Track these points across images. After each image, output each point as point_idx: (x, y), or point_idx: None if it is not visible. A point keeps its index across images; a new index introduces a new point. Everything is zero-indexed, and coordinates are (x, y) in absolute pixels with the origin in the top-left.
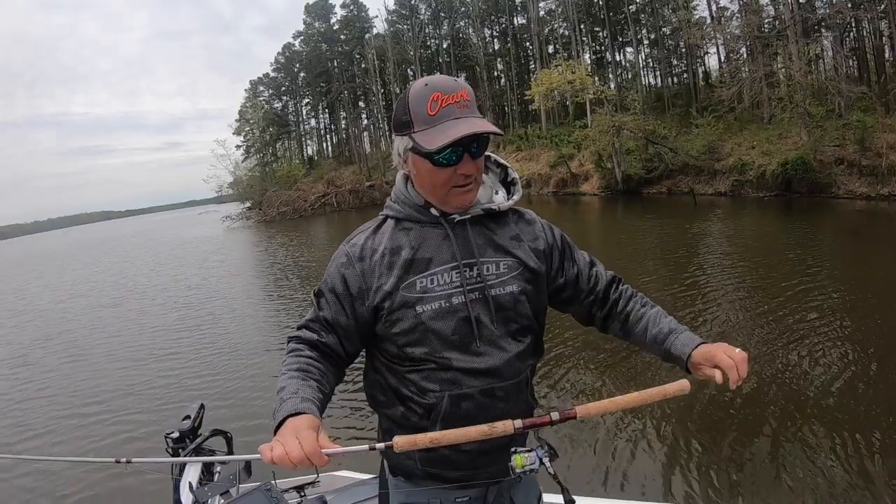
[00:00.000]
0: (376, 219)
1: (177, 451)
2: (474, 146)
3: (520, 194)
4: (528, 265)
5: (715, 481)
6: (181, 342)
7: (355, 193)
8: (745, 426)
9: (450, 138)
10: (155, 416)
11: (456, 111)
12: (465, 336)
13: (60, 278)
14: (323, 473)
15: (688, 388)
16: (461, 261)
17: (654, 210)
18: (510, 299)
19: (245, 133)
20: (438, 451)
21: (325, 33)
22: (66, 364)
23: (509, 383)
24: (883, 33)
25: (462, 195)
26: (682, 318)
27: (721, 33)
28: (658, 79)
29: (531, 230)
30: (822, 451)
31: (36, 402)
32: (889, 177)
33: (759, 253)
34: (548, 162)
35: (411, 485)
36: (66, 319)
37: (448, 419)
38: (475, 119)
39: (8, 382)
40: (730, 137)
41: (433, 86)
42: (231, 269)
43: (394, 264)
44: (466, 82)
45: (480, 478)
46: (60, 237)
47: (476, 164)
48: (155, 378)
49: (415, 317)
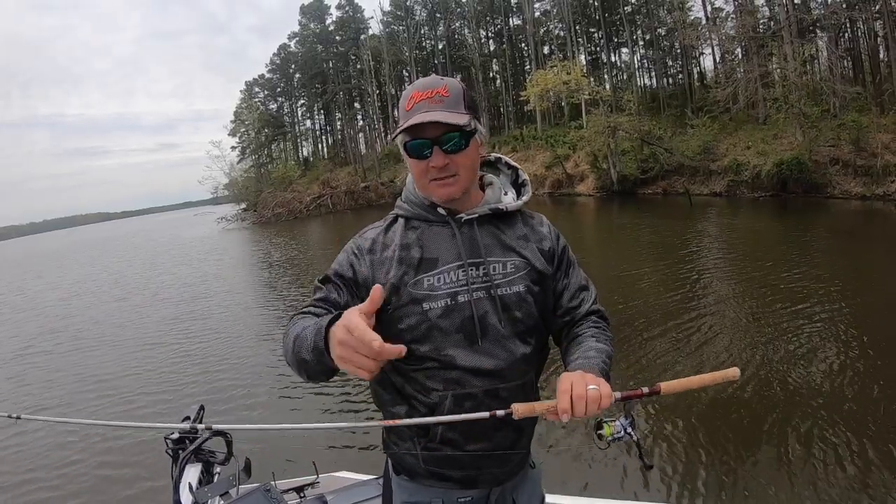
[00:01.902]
0: (387, 217)
1: (176, 452)
2: (447, 142)
3: (529, 196)
4: (534, 265)
5: (715, 481)
6: (180, 342)
7: (351, 195)
8: (744, 425)
9: (400, 128)
10: (153, 417)
11: (426, 106)
12: (470, 334)
13: (61, 277)
14: (323, 474)
15: (737, 374)
16: (467, 259)
17: (649, 210)
18: (517, 299)
19: (240, 134)
20: (443, 451)
21: (320, 34)
22: (64, 365)
23: (514, 384)
24: (877, 34)
25: (440, 188)
26: (678, 318)
27: (716, 34)
28: (653, 79)
29: (539, 232)
30: (821, 450)
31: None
32: (884, 177)
33: (754, 253)
34: (543, 163)
35: (414, 484)
36: (67, 315)
37: None
38: (438, 112)
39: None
40: (725, 138)
41: (415, 85)
42: (228, 269)
43: (403, 261)
44: (459, 81)
45: (483, 479)
46: (61, 237)
47: (452, 159)
48: (154, 378)
49: (421, 314)
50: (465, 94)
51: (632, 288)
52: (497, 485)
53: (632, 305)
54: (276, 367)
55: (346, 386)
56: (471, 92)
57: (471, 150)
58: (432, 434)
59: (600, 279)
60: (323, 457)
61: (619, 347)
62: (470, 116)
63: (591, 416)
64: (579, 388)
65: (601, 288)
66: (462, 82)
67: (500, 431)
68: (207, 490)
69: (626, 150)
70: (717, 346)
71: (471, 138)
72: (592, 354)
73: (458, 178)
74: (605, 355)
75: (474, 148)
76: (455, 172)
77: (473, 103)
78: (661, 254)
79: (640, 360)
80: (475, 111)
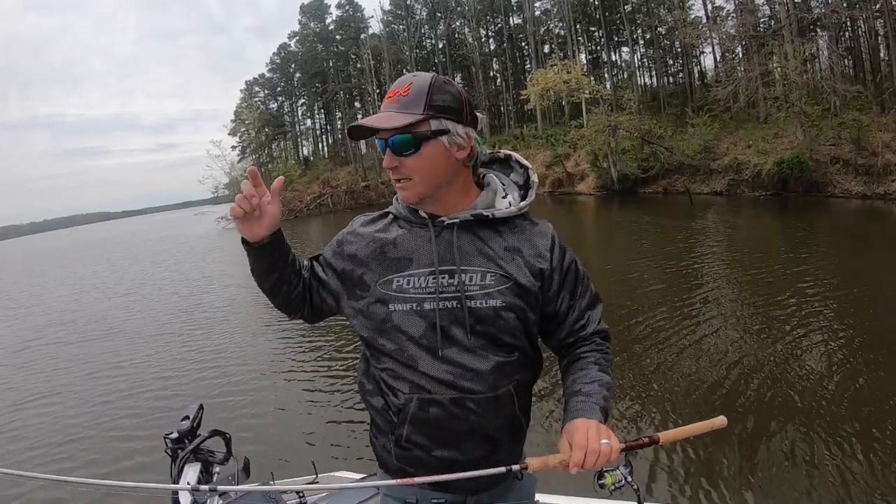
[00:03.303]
0: (380, 211)
1: (175, 451)
2: (394, 144)
3: (530, 199)
4: (517, 280)
5: (715, 480)
6: (179, 343)
7: (351, 194)
8: (744, 424)
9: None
10: (152, 417)
11: (386, 105)
12: (432, 342)
13: (69, 274)
14: (322, 474)
15: (724, 423)
16: (438, 266)
17: (650, 209)
18: (491, 313)
19: (241, 134)
20: (413, 452)
21: (320, 33)
22: (65, 363)
23: (483, 397)
24: (878, 32)
25: (399, 189)
26: (678, 316)
27: (717, 33)
28: (654, 78)
29: (537, 245)
30: (820, 449)
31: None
32: (884, 176)
33: (754, 251)
34: (543, 162)
35: (391, 478)
36: (67, 312)
37: (415, 422)
38: (386, 114)
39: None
40: (725, 137)
41: (393, 84)
42: (228, 269)
43: (377, 257)
44: (431, 78)
45: (455, 485)
46: (61, 238)
47: (402, 162)
48: (153, 379)
49: (386, 313)
50: (432, 92)
51: (631, 287)
52: (472, 493)
53: (631, 305)
54: (276, 367)
55: (347, 387)
56: (450, 89)
57: (425, 153)
58: (398, 434)
59: (599, 279)
60: (323, 457)
61: (618, 349)
62: (426, 117)
63: (598, 468)
64: (594, 444)
65: (600, 287)
66: (455, 81)
67: (467, 442)
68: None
69: (626, 149)
70: (716, 346)
71: (424, 142)
72: (595, 390)
73: (412, 182)
74: (606, 388)
75: (434, 151)
76: (409, 176)
77: (447, 103)
78: (660, 252)
79: (639, 362)
80: (450, 111)
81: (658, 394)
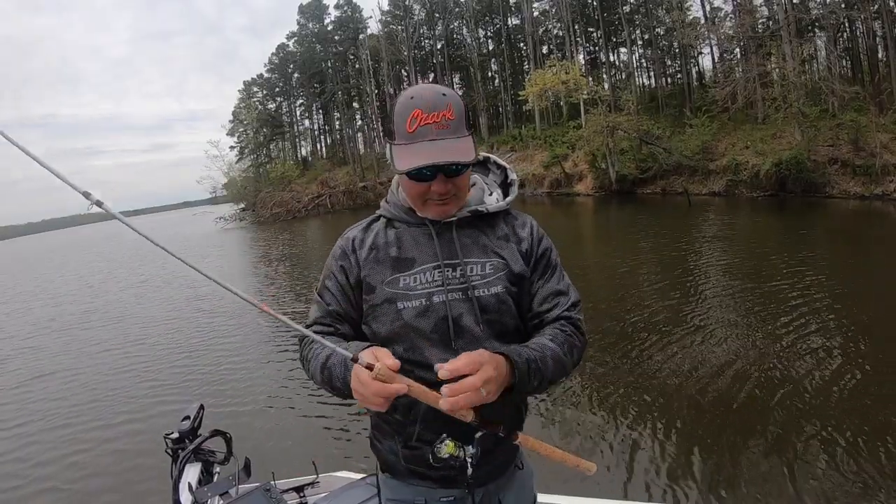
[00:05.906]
0: (370, 217)
1: (176, 451)
2: (454, 167)
3: (514, 196)
4: (511, 267)
5: (714, 481)
6: (178, 343)
7: (349, 194)
8: (743, 423)
9: (414, 165)
10: (153, 417)
11: (432, 132)
12: (444, 336)
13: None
14: (322, 474)
15: (593, 469)
16: (443, 260)
17: (648, 210)
18: (495, 301)
19: (239, 134)
20: (422, 451)
21: (318, 34)
22: (63, 366)
23: None
24: (876, 33)
25: (438, 207)
26: (676, 315)
27: (715, 33)
28: (652, 79)
29: (520, 233)
30: (819, 449)
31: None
32: (883, 176)
33: (752, 252)
34: (542, 162)
35: (397, 481)
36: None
37: (427, 419)
38: (449, 143)
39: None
40: (724, 137)
41: (417, 100)
42: (228, 269)
43: (380, 260)
44: (457, 94)
45: (460, 479)
46: (62, 237)
47: (454, 182)
48: (153, 379)
49: (396, 313)
50: (466, 109)
51: (629, 286)
52: (479, 486)
53: (628, 304)
54: (277, 367)
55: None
56: (465, 100)
57: (468, 168)
58: (409, 433)
59: (599, 278)
60: (323, 456)
61: (613, 345)
62: (471, 136)
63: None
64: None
65: (599, 286)
66: (458, 90)
67: (480, 434)
68: (207, 490)
69: (624, 150)
70: (713, 346)
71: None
72: (531, 345)
73: (457, 197)
74: (546, 350)
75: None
76: (455, 193)
77: (469, 115)
78: (658, 252)
79: (633, 357)
80: (472, 123)
81: (652, 392)
